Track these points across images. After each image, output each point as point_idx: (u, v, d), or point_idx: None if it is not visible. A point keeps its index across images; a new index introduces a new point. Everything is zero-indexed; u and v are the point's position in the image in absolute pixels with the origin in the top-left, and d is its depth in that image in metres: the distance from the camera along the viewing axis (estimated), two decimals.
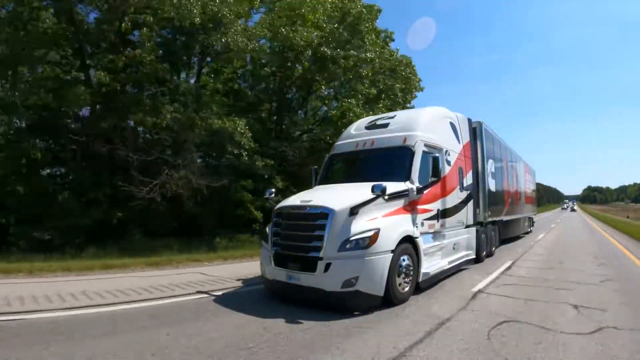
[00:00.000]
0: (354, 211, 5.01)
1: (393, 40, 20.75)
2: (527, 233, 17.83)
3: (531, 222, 19.77)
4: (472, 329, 4.22)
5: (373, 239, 4.88)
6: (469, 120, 8.87)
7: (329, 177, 7.12)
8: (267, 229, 5.89)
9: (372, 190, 5.02)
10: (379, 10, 17.68)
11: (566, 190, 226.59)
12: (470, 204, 8.32)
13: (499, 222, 11.57)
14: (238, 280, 7.29)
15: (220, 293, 6.23)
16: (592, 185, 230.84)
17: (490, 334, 4.07)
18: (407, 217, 5.68)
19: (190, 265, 9.18)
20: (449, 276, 7.11)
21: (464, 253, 7.92)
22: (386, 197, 5.35)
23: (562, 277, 7.37)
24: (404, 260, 5.34)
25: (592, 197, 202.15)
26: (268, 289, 5.83)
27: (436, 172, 6.34)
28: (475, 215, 8.71)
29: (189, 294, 6.16)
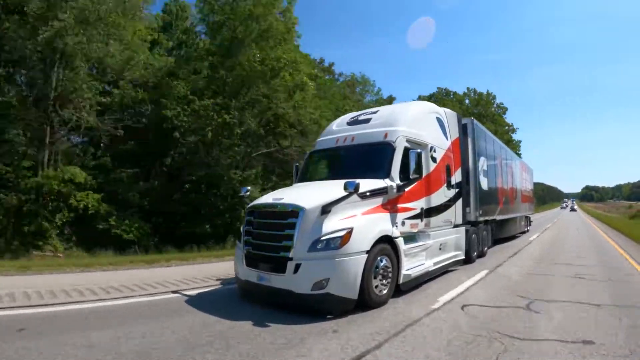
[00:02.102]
0: (325, 209, 4.75)
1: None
2: (523, 232, 17.57)
3: (528, 221, 19.50)
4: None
5: (345, 238, 4.61)
6: (459, 116, 8.56)
7: (309, 175, 6.85)
8: (242, 228, 5.65)
9: (345, 188, 4.76)
10: None
11: (566, 189, 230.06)
12: (459, 203, 8.04)
13: (492, 221, 11.29)
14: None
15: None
16: (590, 185, 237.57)
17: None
18: (386, 216, 5.40)
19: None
20: (436, 277, 6.85)
21: (452, 254, 7.65)
22: (362, 195, 5.09)
23: None
24: (381, 261, 5.07)
25: (590, 195, 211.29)
26: (241, 290, 5.60)
27: (419, 169, 6.07)
28: (464, 214, 8.43)
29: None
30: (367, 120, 6.76)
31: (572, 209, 68.49)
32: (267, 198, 5.54)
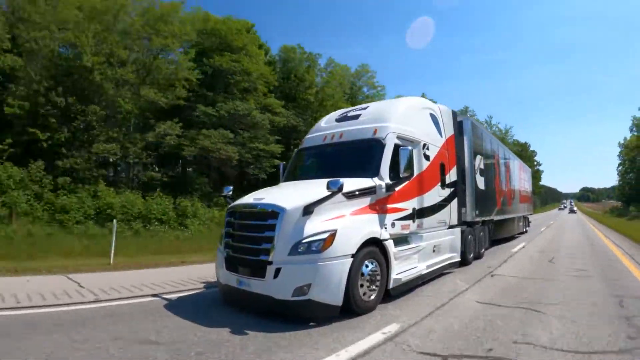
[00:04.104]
0: (308, 210, 4.44)
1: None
2: (522, 233, 17.29)
3: (527, 221, 19.21)
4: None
5: (328, 241, 4.31)
6: (454, 112, 8.24)
7: (296, 173, 6.56)
8: (223, 230, 5.36)
9: (327, 187, 4.46)
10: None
11: (564, 190, 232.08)
12: (454, 203, 7.74)
13: (490, 222, 10.99)
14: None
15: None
16: (587, 187, 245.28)
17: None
18: (374, 217, 5.09)
19: None
20: (430, 281, 6.55)
21: (446, 256, 7.34)
22: (348, 195, 4.79)
23: None
24: (368, 265, 4.77)
25: (587, 196, 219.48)
26: (222, 294, 5.32)
27: (411, 167, 5.76)
28: (460, 214, 8.12)
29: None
30: (357, 117, 6.45)
31: (572, 211, 62.14)
32: (248, 198, 5.25)
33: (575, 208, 71.19)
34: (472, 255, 8.96)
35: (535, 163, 79.09)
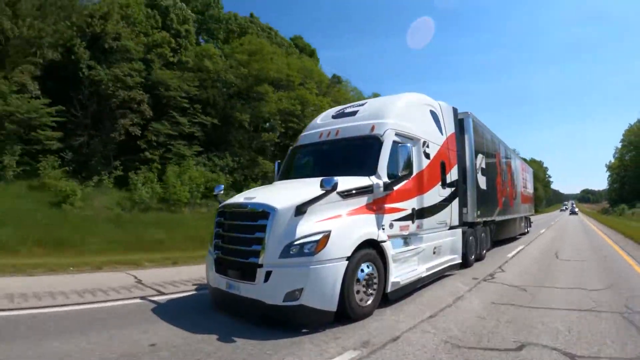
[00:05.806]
0: (300, 210, 4.20)
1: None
2: (523, 234, 17.05)
3: (528, 222, 18.97)
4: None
5: (322, 243, 4.07)
6: (455, 109, 7.99)
7: (291, 172, 6.32)
8: (213, 231, 5.13)
9: (321, 186, 4.22)
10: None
11: (565, 191, 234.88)
12: (455, 203, 7.49)
13: (491, 222, 10.74)
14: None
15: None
16: (587, 188, 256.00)
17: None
18: (371, 217, 4.85)
19: None
20: (429, 284, 6.30)
21: (447, 257, 7.10)
22: (343, 194, 4.56)
23: None
24: (364, 268, 4.53)
25: (587, 197, 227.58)
26: (212, 298, 5.10)
27: (410, 165, 5.53)
28: (461, 215, 7.88)
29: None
30: (354, 113, 6.20)
31: (573, 212, 59.16)
32: (239, 197, 5.02)
33: (576, 209, 68.64)
34: (473, 256, 8.73)
35: (547, 176, 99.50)
